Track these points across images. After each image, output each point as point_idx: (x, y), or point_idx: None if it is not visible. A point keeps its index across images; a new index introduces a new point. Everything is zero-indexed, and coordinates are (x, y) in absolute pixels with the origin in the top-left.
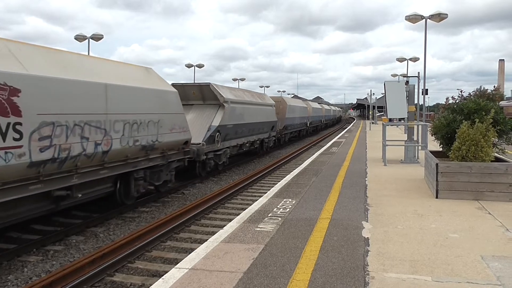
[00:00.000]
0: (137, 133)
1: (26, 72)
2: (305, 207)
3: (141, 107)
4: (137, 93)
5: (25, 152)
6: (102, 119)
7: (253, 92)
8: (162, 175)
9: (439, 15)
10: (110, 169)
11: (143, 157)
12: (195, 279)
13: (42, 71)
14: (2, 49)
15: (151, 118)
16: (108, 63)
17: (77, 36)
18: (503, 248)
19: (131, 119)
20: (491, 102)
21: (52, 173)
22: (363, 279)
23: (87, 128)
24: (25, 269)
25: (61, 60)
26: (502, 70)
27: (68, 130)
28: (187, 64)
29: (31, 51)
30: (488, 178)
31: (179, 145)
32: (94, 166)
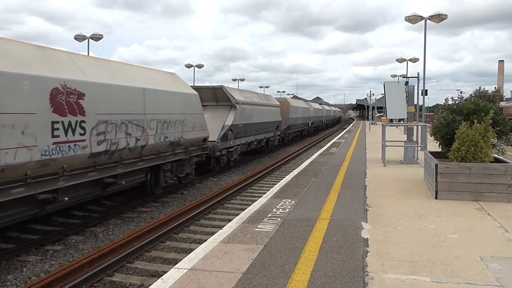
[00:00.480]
0: (167, 130)
1: (88, 79)
2: (304, 208)
3: (170, 108)
4: (167, 96)
5: (87, 145)
6: (141, 118)
7: (260, 94)
8: (185, 168)
9: (439, 15)
10: (145, 161)
11: (170, 152)
12: (194, 280)
13: (98, 78)
14: (68, 60)
15: (177, 117)
16: (143, 70)
17: (76, 36)
18: (502, 249)
19: (162, 118)
20: (491, 103)
21: (104, 163)
22: (362, 279)
23: (130, 126)
24: (24, 268)
25: (110, 69)
26: (502, 71)
27: (116, 127)
28: (186, 64)
29: (87, 61)
30: (487, 179)
31: (199, 142)
32: (133, 158)
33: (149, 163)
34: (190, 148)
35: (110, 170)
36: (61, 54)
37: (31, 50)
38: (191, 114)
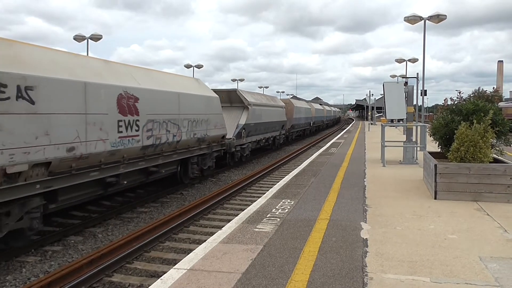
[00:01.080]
0: (195, 128)
1: (140, 86)
2: (303, 208)
3: (197, 109)
4: (194, 98)
5: (140, 139)
6: (176, 117)
7: (268, 96)
8: (207, 161)
9: (438, 16)
10: (178, 154)
11: (197, 147)
12: (194, 280)
13: (147, 85)
14: (125, 71)
15: (203, 117)
16: (176, 76)
17: (76, 36)
18: (501, 249)
19: (191, 118)
20: (490, 103)
21: (150, 155)
22: (361, 280)
23: (169, 124)
24: (23, 269)
25: (152, 77)
26: (501, 71)
27: (160, 125)
28: (186, 64)
29: (138, 71)
30: (486, 179)
31: (219, 139)
32: (170, 152)
33: (181, 156)
34: (212, 144)
35: (154, 160)
36: (120, 66)
37: (101, 64)
38: (213, 114)
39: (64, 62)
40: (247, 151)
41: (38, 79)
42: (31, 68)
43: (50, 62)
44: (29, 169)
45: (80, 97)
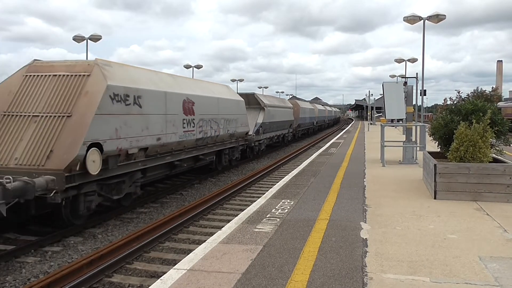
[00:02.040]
0: (228, 126)
1: (195, 93)
2: (303, 208)
3: (229, 110)
4: (227, 102)
5: (194, 133)
6: (216, 117)
7: (278, 98)
8: (235, 153)
9: (437, 16)
10: (217, 146)
11: (229, 141)
12: (194, 280)
13: (199, 92)
14: (185, 82)
15: (233, 117)
16: (214, 84)
17: (75, 37)
18: (501, 249)
19: (226, 117)
20: (489, 103)
21: (200, 145)
22: (361, 280)
23: (212, 122)
24: (23, 270)
25: (200, 85)
26: (500, 71)
27: (206, 123)
28: (185, 65)
29: (190, 81)
30: (486, 179)
31: (243, 135)
32: (212, 144)
33: (218, 147)
34: (239, 139)
35: (202, 150)
36: (181, 78)
37: (171, 78)
38: (240, 115)
39: (152, 78)
40: (263, 146)
41: (142, 91)
42: (138, 84)
43: (146, 79)
44: (138, 152)
45: (162, 103)
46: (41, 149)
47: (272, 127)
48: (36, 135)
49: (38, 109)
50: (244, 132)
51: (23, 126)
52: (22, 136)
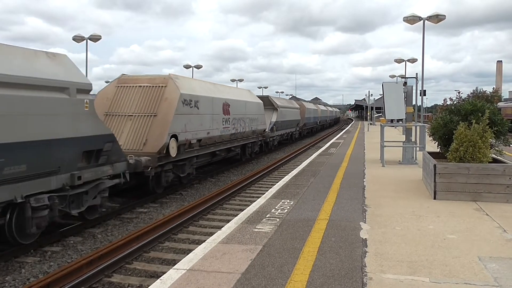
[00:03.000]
0: (251, 124)
1: (230, 97)
2: (303, 208)
3: (252, 111)
4: (251, 104)
5: (230, 129)
6: (244, 116)
7: (287, 100)
8: (255, 147)
9: (437, 16)
10: (243, 140)
11: (251, 136)
12: (193, 280)
13: (232, 96)
14: (222, 89)
15: (255, 116)
16: (241, 90)
17: (75, 37)
18: (500, 249)
19: (250, 117)
20: (488, 103)
21: (232, 139)
22: (360, 280)
23: (241, 120)
24: (22, 270)
25: (232, 91)
26: (500, 71)
27: (237, 121)
28: (185, 65)
29: (225, 87)
30: (485, 179)
31: (262, 132)
32: (239, 138)
33: (244, 142)
34: (258, 135)
35: (233, 143)
36: (219, 86)
37: (213, 85)
38: (259, 115)
39: (203, 87)
40: (276, 142)
41: (199, 97)
42: (196, 91)
43: (200, 87)
44: (196, 142)
45: (210, 105)
46: (138, 139)
47: (283, 125)
48: (133, 129)
49: (131, 110)
50: (262, 129)
51: (122, 123)
52: (123, 129)
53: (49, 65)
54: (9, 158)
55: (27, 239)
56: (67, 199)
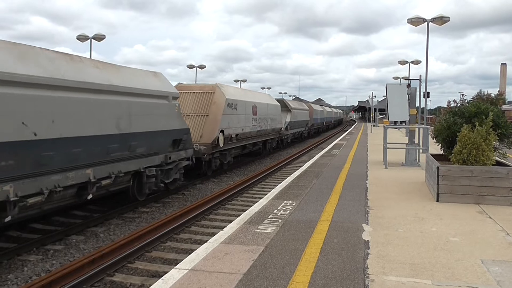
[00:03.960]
0: (271, 123)
1: (257, 100)
2: (305, 209)
3: (272, 112)
4: (271, 106)
5: (256, 127)
6: (266, 116)
7: (299, 102)
8: (273, 143)
9: (441, 18)
10: (265, 137)
11: (271, 134)
12: (195, 280)
13: (257, 99)
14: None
15: (273, 117)
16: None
17: (79, 36)
18: (503, 252)
19: (271, 117)
20: (492, 106)
21: (257, 136)
22: (363, 282)
23: (264, 120)
24: (25, 268)
25: (257, 95)
26: (504, 73)
27: (261, 120)
28: (188, 65)
29: (252, 92)
30: (489, 182)
31: (279, 130)
32: (262, 135)
33: (265, 138)
34: (276, 133)
35: (258, 138)
36: (249, 91)
37: (244, 91)
38: (277, 115)
39: (239, 92)
40: (289, 139)
41: (237, 101)
42: (235, 96)
43: (237, 93)
44: (234, 136)
45: (244, 107)
46: (196, 133)
47: (295, 125)
48: (191, 125)
49: (189, 111)
50: (279, 128)
51: None
52: None
53: (155, 81)
54: (138, 142)
55: (142, 197)
56: (163, 172)
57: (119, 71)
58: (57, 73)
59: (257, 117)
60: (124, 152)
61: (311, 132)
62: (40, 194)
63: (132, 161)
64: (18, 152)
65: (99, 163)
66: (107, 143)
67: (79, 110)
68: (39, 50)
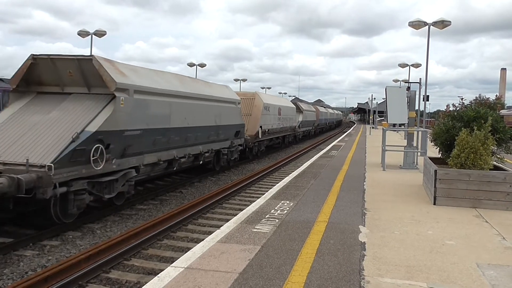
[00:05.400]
0: (289, 122)
1: (281, 104)
2: (302, 210)
3: (289, 113)
4: (289, 108)
5: (280, 125)
6: (286, 117)
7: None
8: (289, 138)
9: (443, 22)
10: (284, 133)
11: (288, 131)
12: (191, 278)
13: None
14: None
15: (290, 117)
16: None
17: (80, 31)
18: (499, 256)
19: (288, 117)
20: (491, 111)
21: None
22: (358, 283)
23: (285, 119)
24: (21, 263)
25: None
26: (504, 79)
27: (283, 119)
28: (189, 63)
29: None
30: (486, 186)
31: (294, 128)
32: (283, 131)
33: (284, 134)
34: (292, 130)
35: (280, 133)
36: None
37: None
38: (293, 115)
39: (271, 98)
40: (301, 136)
41: (270, 104)
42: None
43: (270, 99)
44: (267, 131)
45: (273, 109)
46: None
47: (305, 124)
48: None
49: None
50: (294, 126)
51: None
52: None
53: (228, 91)
54: (221, 131)
55: (218, 168)
56: (229, 152)
57: (211, 86)
58: (193, 89)
59: (281, 117)
60: (214, 137)
61: (317, 130)
62: (185, 157)
63: (217, 143)
64: (181, 133)
65: (204, 143)
66: (209, 131)
67: (199, 110)
68: (188, 78)
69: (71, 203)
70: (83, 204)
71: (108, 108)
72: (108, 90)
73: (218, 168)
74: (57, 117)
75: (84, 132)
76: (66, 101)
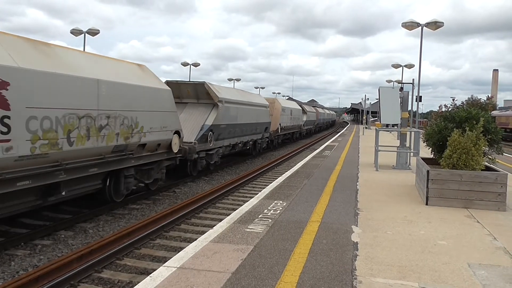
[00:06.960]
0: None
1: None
2: (295, 210)
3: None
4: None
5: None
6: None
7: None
8: (297, 134)
9: (435, 23)
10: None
11: (297, 128)
12: (183, 278)
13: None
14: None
15: (298, 117)
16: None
17: (73, 30)
18: (490, 256)
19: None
20: (483, 111)
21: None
22: (350, 283)
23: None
24: (12, 262)
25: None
26: (496, 80)
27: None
28: (183, 62)
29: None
30: (478, 186)
31: (300, 126)
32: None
33: (294, 130)
34: (298, 128)
35: (291, 130)
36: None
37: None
38: (299, 116)
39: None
40: (305, 133)
41: (285, 107)
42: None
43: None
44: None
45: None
46: None
47: (308, 123)
48: None
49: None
50: (300, 125)
51: None
52: None
53: (261, 98)
54: (257, 127)
55: (255, 153)
56: (261, 143)
57: (253, 95)
58: (246, 99)
59: (292, 117)
60: (254, 131)
61: (316, 128)
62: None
63: (255, 135)
64: (241, 127)
65: (249, 134)
66: (252, 126)
67: (247, 112)
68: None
69: (198, 165)
70: (203, 165)
71: (214, 111)
72: (213, 101)
73: (254, 153)
74: (186, 116)
75: (204, 125)
76: (186, 107)
